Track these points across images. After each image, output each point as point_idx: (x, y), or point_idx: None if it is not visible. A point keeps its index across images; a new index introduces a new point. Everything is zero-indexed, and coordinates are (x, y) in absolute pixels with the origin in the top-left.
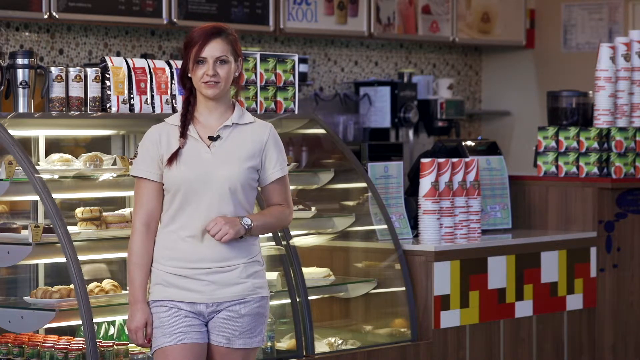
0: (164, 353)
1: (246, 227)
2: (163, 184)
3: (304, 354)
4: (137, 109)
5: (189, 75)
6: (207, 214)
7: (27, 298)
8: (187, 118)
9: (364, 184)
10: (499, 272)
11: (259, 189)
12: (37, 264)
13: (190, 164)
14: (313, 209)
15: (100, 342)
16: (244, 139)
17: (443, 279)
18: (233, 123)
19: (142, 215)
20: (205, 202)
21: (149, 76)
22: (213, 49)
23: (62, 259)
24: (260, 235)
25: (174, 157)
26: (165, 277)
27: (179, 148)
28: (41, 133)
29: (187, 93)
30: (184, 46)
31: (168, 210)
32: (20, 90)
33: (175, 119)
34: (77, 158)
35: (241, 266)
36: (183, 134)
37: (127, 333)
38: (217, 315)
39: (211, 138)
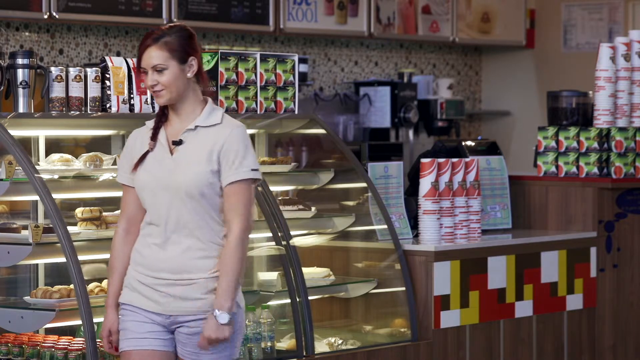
0: (126, 357)
1: (225, 321)
2: None
3: (304, 354)
4: (137, 109)
5: None
6: (170, 221)
7: (27, 298)
8: (161, 121)
9: (364, 184)
10: (499, 272)
11: None
12: (37, 264)
13: (151, 169)
14: (313, 209)
15: (100, 342)
16: (205, 141)
17: (443, 279)
18: (196, 126)
19: (123, 220)
20: (167, 207)
21: None
22: (148, 58)
23: (62, 259)
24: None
25: (139, 162)
26: (131, 281)
27: (147, 152)
28: (41, 133)
29: None
30: None
31: (146, 215)
32: (20, 90)
33: (153, 121)
34: (77, 158)
35: (201, 281)
36: (153, 137)
37: None
38: (178, 329)
39: (175, 142)
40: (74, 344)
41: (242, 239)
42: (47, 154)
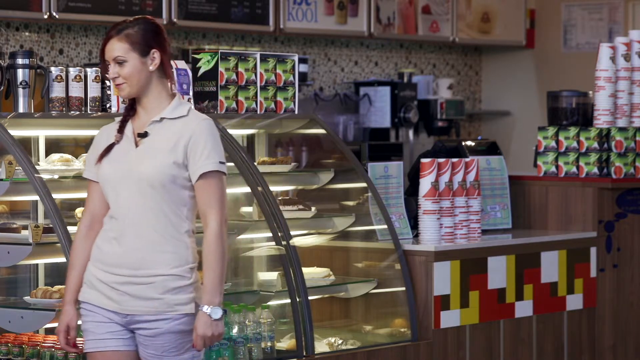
0: (89, 358)
1: (218, 319)
2: None
3: (304, 354)
4: None
5: None
6: (129, 214)
7: (27, 298)
8: (129, 114)
9: (364, 184)
10: (499, 272)
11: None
12: (37, 264)
13: (115, 162)
14: (313, 209)
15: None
16: (171, 133)
17: (443, 279)
18: (161, 118)
19: (86, 216)
20: (127, 200)
21: None
22: (110, 50)
23: (62, 259)
24: (192, 245)
25: (103, 155)
26: (90, 278)
27: (112, 145)
28: (41, 133)
29: None
30: None
31: (109, 210)
32: (20, 90)
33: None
34: (77, 158)
35: (159, 280)
36: (121, 130)
37: None
38: (137, 330)
39: (140, 135)
40: None
41: (220, 232)
42: (47, 154)
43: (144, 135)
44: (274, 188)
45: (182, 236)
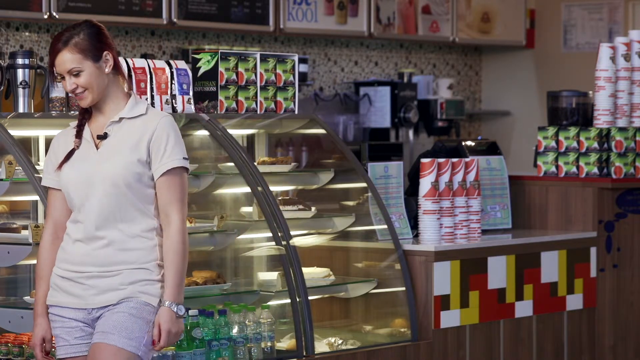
0: None
1: (182, 315)
2: None
3: (304, 354)
4: None
5: None
6: (92, 217)
7: (27, 298)
8: (84, 118)
9: (364, 184)
10: (499, 272)
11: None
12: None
13: (77, 165)
14: (313, 209)
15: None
16: (131, 132)
17: (443, 279)
18: (120, 118)
19: (49, 225)
20: (93, 202)
21: (148, 76)
22: (62, 63)
23: None
24: (158, 243)
25: (65, 160)
26: (55, 280)
27: (72, 150)
28: (41, 133)
29: None
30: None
31: (71, 214)
32: (20, 90)
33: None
34: None
35: (125, 272)
36: (78, 134)
37: None
38: (100, 319)
39: (100, 137)
40: None
41: (183, 230)
42: (47, 154)
43: (103, 137)
44: (274, 188)
45: (149, 234)
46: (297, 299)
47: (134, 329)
